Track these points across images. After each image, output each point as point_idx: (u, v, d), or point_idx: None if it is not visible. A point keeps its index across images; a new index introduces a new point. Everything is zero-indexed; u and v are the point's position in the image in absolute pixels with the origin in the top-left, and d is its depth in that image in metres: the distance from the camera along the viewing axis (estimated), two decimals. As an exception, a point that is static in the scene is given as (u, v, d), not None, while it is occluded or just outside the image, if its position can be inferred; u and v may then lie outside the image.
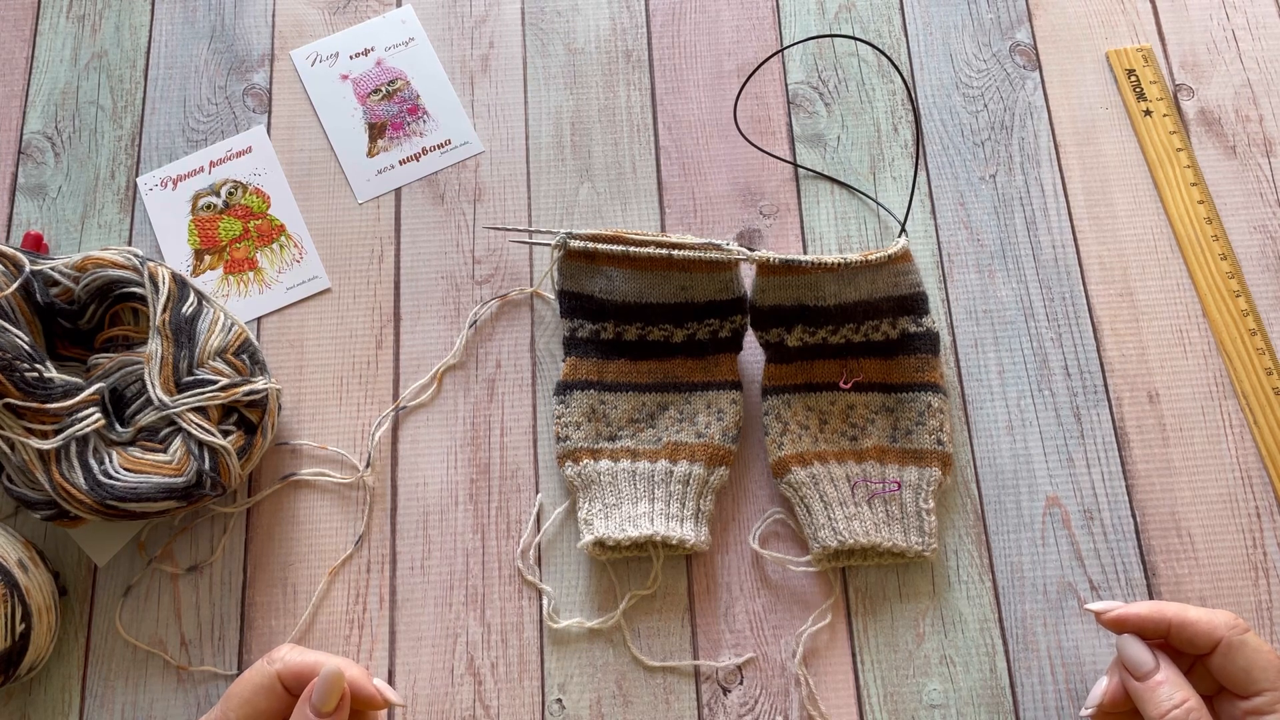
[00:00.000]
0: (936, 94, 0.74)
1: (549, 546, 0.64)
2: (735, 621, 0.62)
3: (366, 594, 0.63)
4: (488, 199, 0.72)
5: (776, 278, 0.62)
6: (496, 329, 0.69)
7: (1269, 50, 0.75)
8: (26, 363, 0.58)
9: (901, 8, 0.77)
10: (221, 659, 0.62)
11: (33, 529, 0.64)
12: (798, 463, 0.62)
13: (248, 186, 0.73)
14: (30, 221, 0.72)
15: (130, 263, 0.62)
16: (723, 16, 0.77)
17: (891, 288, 0.63)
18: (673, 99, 0.75)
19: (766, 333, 0.64)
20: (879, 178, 0.72)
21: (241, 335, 0.63)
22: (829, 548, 0.60)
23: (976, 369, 0.67)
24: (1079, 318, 0.68)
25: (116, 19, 0.77)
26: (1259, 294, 0.69)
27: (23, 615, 0.56)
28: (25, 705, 0.61)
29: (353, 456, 0.66)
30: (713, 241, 0.62)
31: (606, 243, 0.63)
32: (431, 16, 0.77)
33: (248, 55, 0.76)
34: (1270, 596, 0.62)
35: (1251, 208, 0.71)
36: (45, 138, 0.74)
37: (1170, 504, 0.64)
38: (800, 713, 0.60)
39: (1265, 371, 0.66)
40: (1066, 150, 0.73)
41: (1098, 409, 0.66)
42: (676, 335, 0.65)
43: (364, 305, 0.70)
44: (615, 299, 0.65)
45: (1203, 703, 0.51)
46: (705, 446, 0.63)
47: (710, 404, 0.65)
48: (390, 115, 0.74)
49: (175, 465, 0.58)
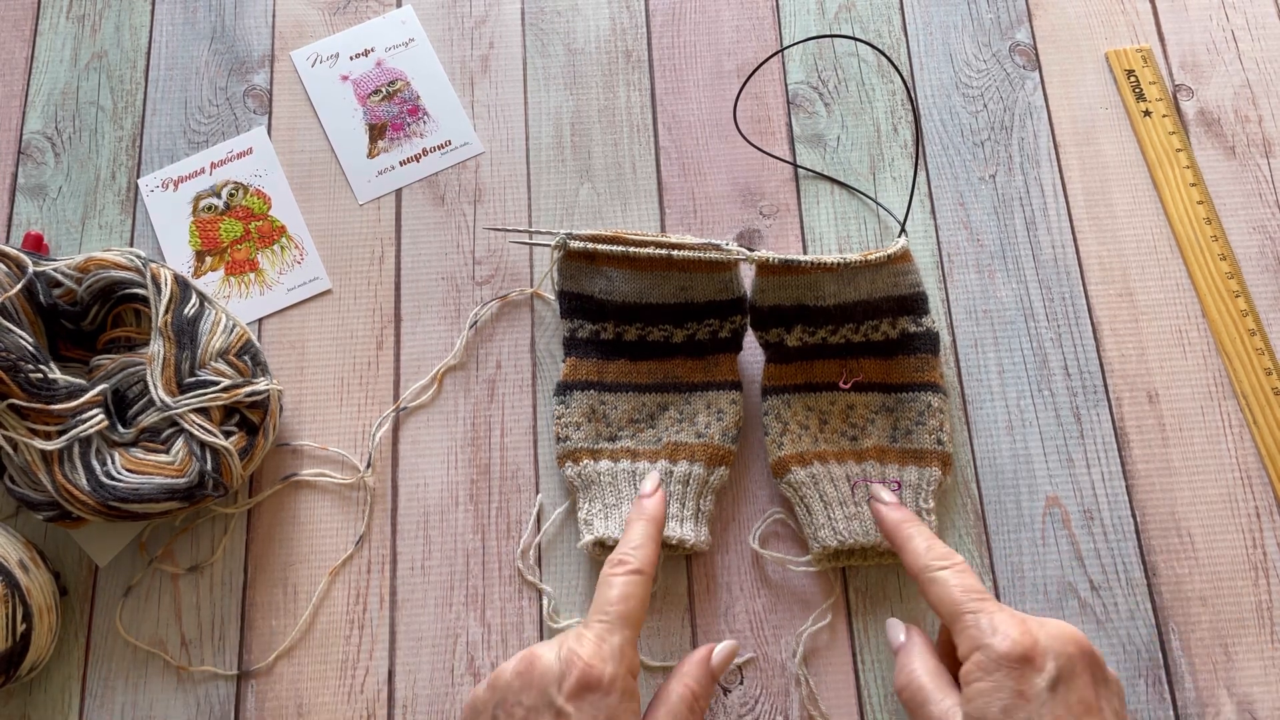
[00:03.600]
0: (936, 94, 0.74)
1: (549, 547, 0.64)
2: (735, 621, 0.62)
3: (367, 594, 0.63)
4: (488, 199, 0.72)
5: (776, 278, 0.62)
6: (497, 330, 0.69)
7: (1269, 50, 0.75)
8: (30, 364, 0.58)
9: (901, 8, 0.77)
10: (222, 659, 0.62)
11: (34, 529, 0.64)
12: (797, 462, 0.62)
13: (249, 188, 0.73)
14: (30, 222, 0.72)
15: (133, 264, 0.62)
16: (723, 16, 0.77)
17: (891, 287, 0.63)
18: (672, 99, 0.75)
19: (766, 333, 0.64)
20: (879, 178, 0.72)
21: (243, 336, 0.63)
22: (829, 547, 0.60)
23: (976, 369, 0.67)
24: (1079, 318, 0.68)
25: (116, 19, 0.77)
26: (1258, 294, 0.69)
27: (24, 615, 0.56)
28: (25, 705, 0.61)
29: (353, 457, 0.66)
30: (712, 242, 0.62)
31: (606, 243, 0.63)
32: (431, 17, 0.77)
33: (248, 56, 0.76)
34: (1270, 596, 0.62)
35: (1251, 208, 0.71)
36: (45, 138, 0.74)
37: (1170, 504, 0.64)
38: (800, 712, 0.60)
39: (1265, 371, 0.67)
40: (1066, 150, 0.73)
41: (1097, 409, 0.66)
42: (676, 335, 0.65)
43: (365, 306, 0.70)
44: (615, 299, 0.65)
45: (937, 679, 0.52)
46: (705, 446, 0.63)
47: (710, 404, 0.65)
48: (390, 116, 0.75)
49: (177, 466, 0.59)
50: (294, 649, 0.62)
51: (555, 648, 0.51)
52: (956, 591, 0.52)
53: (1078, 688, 0.49)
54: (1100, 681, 0.50)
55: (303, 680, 0.62)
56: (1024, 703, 0.48)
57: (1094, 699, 0.49)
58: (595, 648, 0.50)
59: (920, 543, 0.56)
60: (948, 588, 0.53)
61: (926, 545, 0.55)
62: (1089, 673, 0.50)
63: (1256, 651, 0.61)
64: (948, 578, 0.53)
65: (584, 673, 0.49)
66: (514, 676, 0.51)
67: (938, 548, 0.55)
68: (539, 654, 0.51)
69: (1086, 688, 0.49)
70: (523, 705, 0.50)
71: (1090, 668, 0.50)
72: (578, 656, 0.50)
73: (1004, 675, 0.48)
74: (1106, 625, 0.62)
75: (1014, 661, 0.48)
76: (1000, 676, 0.48)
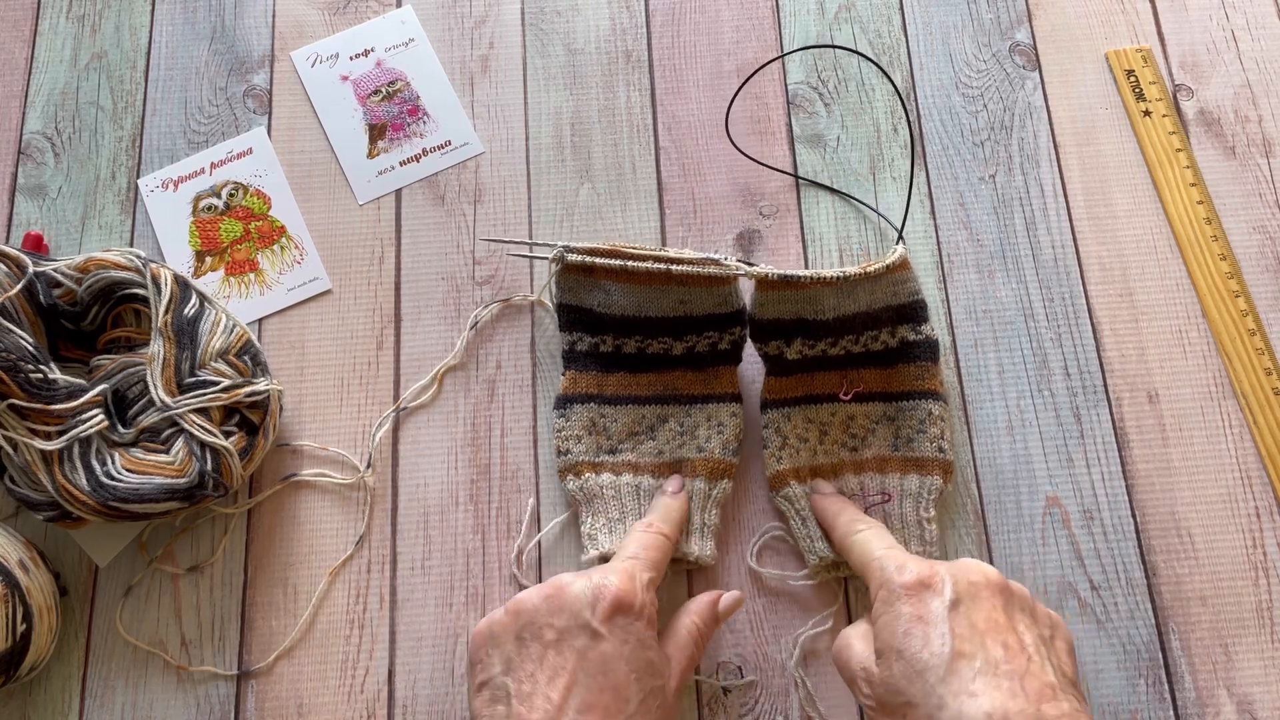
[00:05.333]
0: (936, 94, 0.74)
1: (550, 548, 0.64)
2: (735, 621, 0.62)
3: (367, 594, 0.63)
4: (488, 200, 0.72)
5: (775, 292, 0.61)
6: (497, 330, 0.69)
7: (1268, 50, 0.75)
8: (31, 364, 0.58)
9: (901, 8, 0.77)
10: (222, 659, 0.62)
11: (33, 529, 0.64)
12: (795, 478, 0.62)
13: (249, 188, 0.73)
14: (30, 222, 0.72)
15: (133, 264, 0.62)
16: (723, 17, 0.77)
17: (891, 297, 0.63)
18: (672, 99, 0.75)
19: (766, 345, 0.64)
20: (879, 178, 0.72)
21: (243, 336, 0.63)
22: (826, 559, 0.60)
23: (976, 369, 0.67)
24: (1079, 318, 0.68)
25: (116, 19, 0.77)
26: (1258, 294, 0.69)
27: (24, 615, 0.56)
28: (25, 705, 0.61)
29: (353, 457, 0.66)
30: (711, 257, 0.61)
31: (604, 257, 0.62)
32: (431, 17, 0.77)
33: (248, 56, 0.76)
34: (1270, 596, 0.62)
35: (1251, 208, 0.71)
36: (45, 138, 0.74)
37: (1170, 504, 0.64)
38: (800, 713, 0.60)
39: (1265, 371, 0.67)
40: (1066, 150, 0.73)
41: (1097, 409, 0.66)
42: (676, 348, 0.65)
43: (365, 306, 0.70)
44: (614, 313, 0.64)
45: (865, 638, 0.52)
46: (707, 461, 0.63)
47: (710, 416, 0.64)
48: (390, 116, 0.75)
49: (177, 466, 0.59)
50: (294, 649, 0.62)
51: (584, 578, 0.52)
52: (874, 546, 0.55)
53: (983, 609, 0.48)
54: (1016, 610, 0.50)
55: (303, 680, 0.62)
56: (921, 625, 0.48)
57: (1005, 621, 0.48)
58: (626, 578, 0.52)
59: (845, 515, 0.59)
60: (867, 544, 0.55)
61: (850, 517, 0.59)
62: (998, 598, 0.49)
63: (1256, 651, 0.61)
64: (868, 537, 0.56)
65: (617, 597, 0.51)
66: (542, 601, 0.52)
67: (861, 518, 0.59)
68: (567, 582, 0.52)
69: (995, 610, 0.49)
70: (554, 627, 0.50)
71: (999, 595, 0.50)
72: (609, 583, 0.52)
73: (903, 603, 0.49)
74: (1106, 625, 0.62)
75: (911, 588, 0.50)
76: (899, 605, 0.49)
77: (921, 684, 0.47)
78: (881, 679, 0.49)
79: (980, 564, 0.51)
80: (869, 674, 0.50)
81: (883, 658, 0.49)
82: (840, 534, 0.58)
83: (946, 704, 0.45)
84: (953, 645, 0.47)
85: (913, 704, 0.47)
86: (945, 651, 0.47)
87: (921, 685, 0.47)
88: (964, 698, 0.45)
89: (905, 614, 0.49)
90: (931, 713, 0.46)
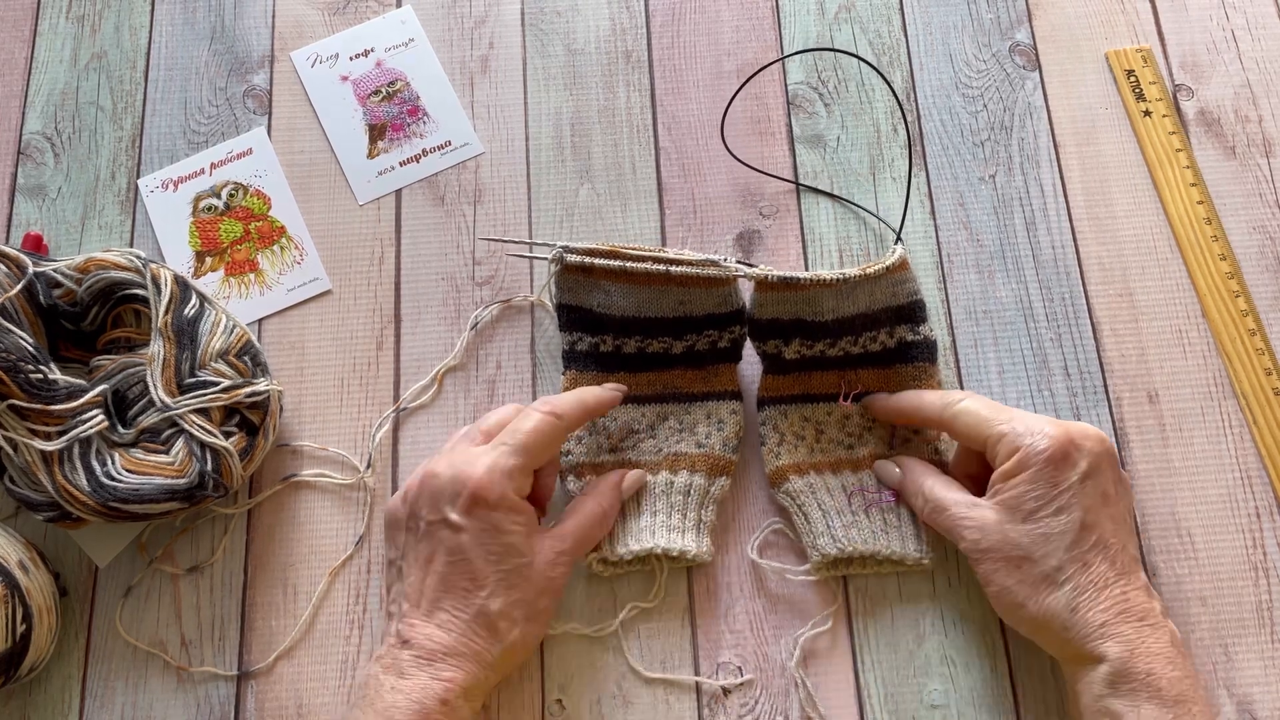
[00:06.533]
0: (936, 94, 0.74)
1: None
2: (735, 622, 0.62)
3: (367, 595, 0.63)
4: (488, 200, 0.72)
5: (774, 293, 0.61)
6: (497, 330, 0.69)
7: (1269, 51, 0.75)
8: (31, 364, 0.58)
9: (901, 8, 0.77)
10: (222, 659, 0.62)
11: (33, 529, 0.64)
12: (795, 472, 0.62)
13: (248, 188, 0.73)
14: (30, 222, 0.72)
15: (133, 264, 0.62)
16: (723, 17, 0.77)
17: (890, 298, 0.63)
18: (672, 100, 0.75)
19: (764, 344, 0.64)
20: (879, 178, 0.72)
21: (243, 337, 0.63)
22: (828, 555, 0.60)
23: (976, 369, 0.67)
24: (1078, 318, 0.68)
25: (116, 19, 0.77)
26: (1258, 294, 0.69)
27: (23, 616, 0.56)
28: (25, 705, 0.61)
29: (353, 458, 0.66)
30: (710, 258, 0.61)
31: (603, 258, 0.62)
32: (431, 17, 0.77)
33: (248, 56, 0.76)
34: (1270, 596, 0.62)
35: (1251, 208, 0.71)
36: (45, 138, 0.74)
37: (1170, 504, 0.64)
38: (800, 714, 0.60)
39: (1265, 371, 0.67)
40: (1066, 151, 0.73)
41: (1097, 409, 0.66)
42: (676, 347, 0.65)
43: (365, 307, 0.70)
44: (613, 313, 0.64)
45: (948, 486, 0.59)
46: (706, 457, 0.63)
47: (710, 414, 0.65)
48: (390, 116, 0.75)
49: (177, 467, 0.59)
50: (294, 649, 0.62)
51: (451, 468, 0.56)
52: (985, 411, 0.57)
53: (1102, 482, 0.55)
54: (1118, 480, 0.57)
55: (303, 680, 0.62)
56: (1057, 493, 0.54)
57: (1113, 492, 0.56)
58: (485, 471, 0.55)
59: (931, 394, 0.61)
60: (975, 414, 0.58)
61: (938, 394, 0.61)
62: (1113, 469, 0.56)
63: (1256, 651, 0.61)
64: (971, 405, 0.58)
65: (474, 493, 0.55)
66: (419, 488, 0.57)
67: (950, 391, 0.61)
68: (435, 470, 0.56)
69: (1109, 482, 0.55)
70: (424, 519, 0.56)
71: (1113, 466, 0.56)
72: (468, 477, 0.55)
73: (1040, 470, 0.54)
74: (1106, 625, 0.62)
75: (1051, 460, 0.54)
76: (1037, 471, 0.54)
77: (1045, 546, 0.54)
78: (1002, 531, 0.55)
79: (1099, 432, 0.56)
80: (982, 524, 0.56)
81: (1010, 514, 0.55)
82: (935, 411, 0.60)
83: (1064, 567, 0.53)
84: (1082, 518, 0.54)
85: (1031, 559, 0.54)
86: (1075, 522, 0.54)
87: (1045, 547, 0.54)
88: (1077, 566, 0.53)
89: (1044, 480, 0.54)
90: (1049, 572, 0.54)
